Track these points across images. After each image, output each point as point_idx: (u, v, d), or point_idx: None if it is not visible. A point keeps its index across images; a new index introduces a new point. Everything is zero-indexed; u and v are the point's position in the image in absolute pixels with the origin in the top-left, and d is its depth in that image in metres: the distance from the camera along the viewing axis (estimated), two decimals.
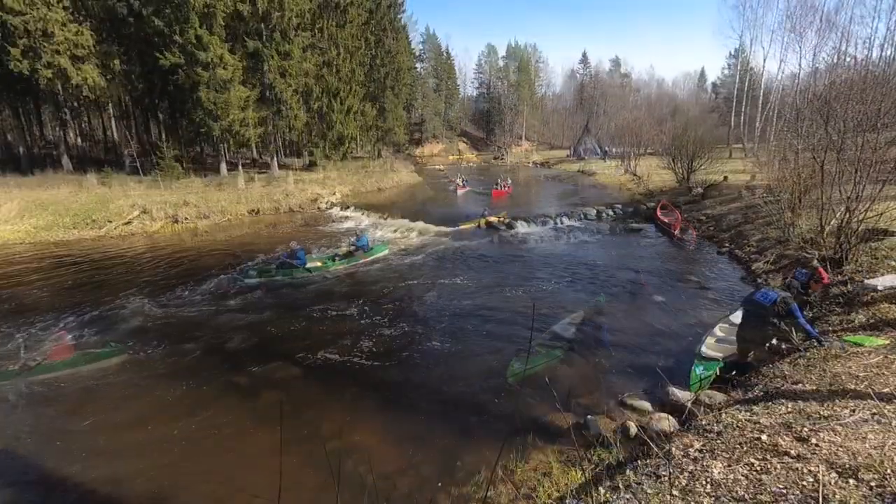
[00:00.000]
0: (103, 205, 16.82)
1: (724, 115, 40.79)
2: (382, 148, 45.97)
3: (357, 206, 20.96)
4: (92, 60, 21.41)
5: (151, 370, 6.46)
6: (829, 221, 8.35)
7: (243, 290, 9.87)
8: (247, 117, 23.35)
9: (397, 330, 7.69)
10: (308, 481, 4.17)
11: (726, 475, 2.80)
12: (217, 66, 21.53)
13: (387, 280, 10.47)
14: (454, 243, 13.90)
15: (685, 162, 20.69)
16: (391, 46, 41.26)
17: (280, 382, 6.07)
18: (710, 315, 7.77)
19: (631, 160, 30.24)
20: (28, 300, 9.51)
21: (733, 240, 12.45)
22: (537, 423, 4.97)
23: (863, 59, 22.57)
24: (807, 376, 4.39)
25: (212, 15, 21.17)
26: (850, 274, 7.38)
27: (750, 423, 3.59)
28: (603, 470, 3.84)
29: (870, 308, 6.00)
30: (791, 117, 12.61)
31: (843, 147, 7.77)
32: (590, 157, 46.96)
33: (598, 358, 6.48)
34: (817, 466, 2.67)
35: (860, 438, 3.00)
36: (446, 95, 71.89)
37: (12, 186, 18.21)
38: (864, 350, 4.69)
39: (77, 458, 4.67)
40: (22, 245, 14.57)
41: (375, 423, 5.17)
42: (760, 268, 9.78)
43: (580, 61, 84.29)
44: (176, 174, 23.03)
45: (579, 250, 12.75)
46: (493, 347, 6.90)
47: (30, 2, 18.66)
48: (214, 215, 18.43)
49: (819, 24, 27.76)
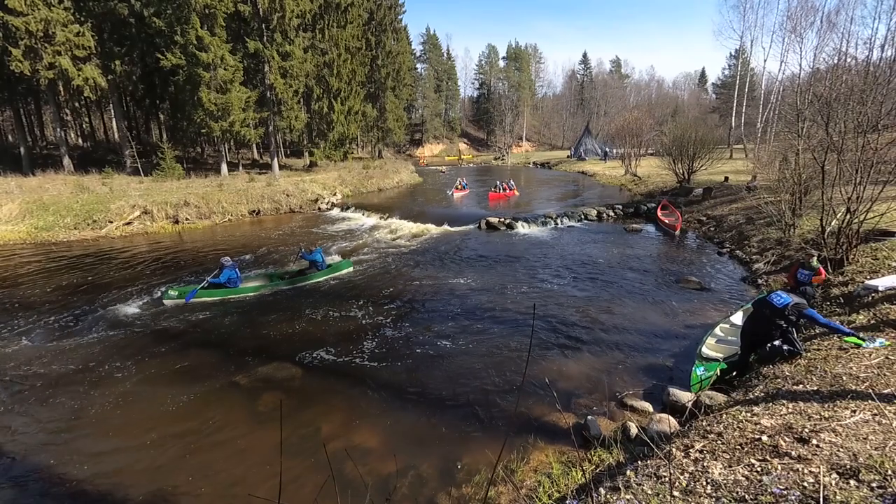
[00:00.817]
0: (104, 205, 16.83)
1: (724, 116, 40.81)
2: (383, 148, 46.07)
3: (357, 207, 20.98)
4: (93, 61, 21.47)
5: (150, 370, 6.47)
6: (830, 222, 8.34)
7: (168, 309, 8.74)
8: (247, 118, 23.39)
9: (397, 330, 7.70)
10: (308, 481, 4.17)
11: (727, 476, 2.79)
12: (218, 67, 21.59)
13: (387, 282, 10.47)
14: (454, 244, 13.91)
15: (686, 162, 20.70)
16: (392, 47, 41.35)
17: (280, 383, 6.07)
18: (711, 316, 7.77)
19: (631, 161, 30.24)
20: (26, 298, 9.51)
21: (734, 240, 12.44)
22: (538, 424, 4.96)
23: (863, 60, 22.55)
24: (807, 377, 4.38)
25: (212, 16, 21.22)
26: (851, 275, 7.37)
27: (751, 423, 3.58)
28: (603, 470, 3.84)
29: (870, 309, 5.99)
30: (792, 118, 12.59)
31: (844, 148, 7.76)
32: (590, 158, 47.00)
33: (598, 358, 6.48)
34: (818, 467, 2.66)
35: (861, 439, 2.99)
36: (447, 96, 72.06)
37: (13, 186, 18.27)
38: (865, 351, 4.68)
39: (76, 458, 4.68)
40: (23, 245, 14.60)
41: (375, 424, 5.17)
42: (761, 268, 9.78)
43: (580, 62, 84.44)
44: (177, 174, 23.08)
45: (580, 251, 12.75)
46: (494, 348, 6.90)
47: (31, 2, 18.71)
48: (215, 216, 18.46)
49: (820, 25, 27.78)
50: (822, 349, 5.11)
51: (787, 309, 4.91)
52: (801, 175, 10.46)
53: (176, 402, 5.63)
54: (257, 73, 25.27)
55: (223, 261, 9.53)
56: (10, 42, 19.03)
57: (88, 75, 20.89)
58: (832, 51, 25.84)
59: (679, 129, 22.35)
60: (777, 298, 5.08)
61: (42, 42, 19.41)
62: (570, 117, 77.10)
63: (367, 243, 14.30)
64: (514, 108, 72.43)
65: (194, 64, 20.95)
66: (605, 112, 67.73)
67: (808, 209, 10.93)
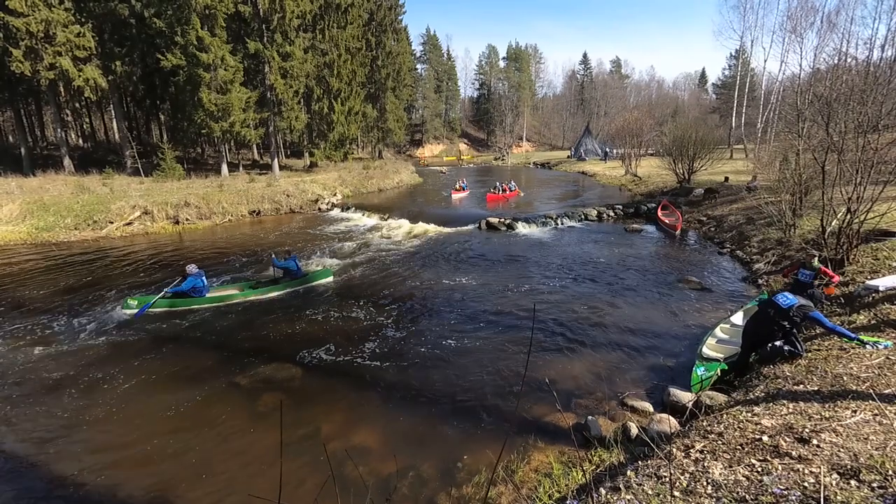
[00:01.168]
0: (104, 206, 16.84)
1: (724, 116, 40.78)
2: (383, 149, 46.10)
3: (358, 207, 20.98)
4: (94, 62, 21.49)
5: (150, 370, 6.47)
6: (831, 222, 8.34)
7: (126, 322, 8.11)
8: (248, 118, 23.41)
9: (397, 330, 7.70)
10: (308, 481, 4.17)
11: (727, 476, 2.79)
12: (218, 68, 21.60)
13: (387, 282, 10.47)
14: (454, 244, 13.91)
15: (686, 163, 20.70)
16: (392, 47, 41.39)
17: (281, 383, 6.07)
18: (711, 316, 7.77)
19: (632, 161, 30.24)
20: (26, 299, 9.52)
21: (734, 240, 12.44)
22: (538, 424, 4.96)
23: (864, 61, 22.55)
24: (808, 377, 4.38)
25: (213, 16, 21.24)
26: (852, 275, 7.37)
27: (751, 423, 3.58)
28: (604, 471, 3.83)
29: (871, 309, 5.99)
30: (792, 118, 12.59)
31: (845, 148, 7.76)
32: (590, 158, 47.00)
33: (598, 358, 6.48)
34: (819, 467, 2.66)
35: (862, 439, 2.99)
36: (447, 96, 72.09)
37: (14, 187, 18.28)
38: (866, 351, 4.67)
39: (76, 458, 4.68)
40: (24, 246, 14.61)
41: (375, 424, 5.17)
42: (762, 268, 9.77)
43: (581, 62, 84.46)
44: (177, 175, 23.09)
45: (580, 251, 12.75)
46: (493, 348, 6.89)
47: (32, 3, 18.73)
48: (215, 216, 18.46)
49: (820, 26, 27.80)
50: (822, 349, 5.11)
51: (791, 310, 4.90)
52: (801, 175, 10.46)
53: (176, 403, 5.63)
54: (258, 73, 25.29)
55: (188, 268, 8.85)
56: (10, 43, 19.06)
57: (89, 76, 20.90)
58: (832, 51, 25.88)
59: (679, 130, 22.33)
60: (783, 299, 5.07)
61: (43, 43, 19.42)
62: (571, 117, 77.11)
63: (366, 243, 14.29)
64: (515, 109, 72.47)
65: (195, 64, 20.96)
66: (606, 112, 67.71)
67: (809, 209, 10.93)
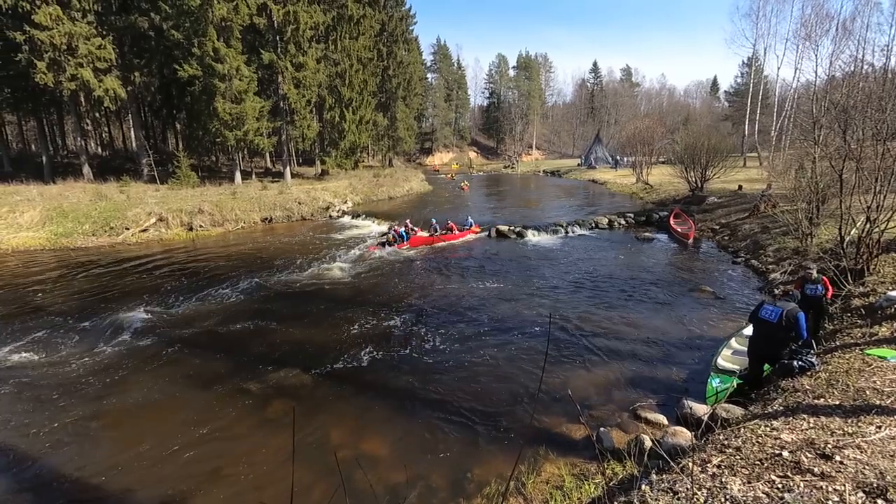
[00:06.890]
0: (121, 212, 17.20)
1: (737, 124, 40.35)
2: (393, 157, 46.47)
3: (368, 215, 21.12)
4: (113, 72, 22.10)
5: (161, 376, 6.53)
6: (849, 231, 8.16)
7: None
8: (261, 127, 23.82)
9: (408, 338, 7.68)
10: (317, 489, 4.15)
11: (746, 492, 2.71)
12: (233, 78, 22.06)
13: (396, 288, 10.48)
14: (463, 251, 13.89)
15: (698, 171, 20.48)
16: (403, 57, 41.91)
17: (290, 389, 6.08)
18: (726, 326, 7.62)
19: (643, 169, 30.02)
20: (43, 303, 9.71)
21: (749, 249, 12.23)
22: (549, 435, 4.89)
23: (881, 67, 22.19)
24: (829, 391, 4.25)
25: (229, 28, 21.76)
26: (872, 285, 7.18)
27: (770, 438, 3.48)
28: (617, 484, 3.75)
29: (893, 321, 5.82)
30: (807, 126, 12.40)
31: (863, 156, 7.61)
32: (601, 167, 46.79)
33: (611, 368, 6.38)
34: (843, 485, 2.57)
35: (888, 456, 2.89)
36: (457, 105, 72.54)
37: (35, 194, 18.77)
38: (889, 364, 4.53)
39: (86, 462, 4.72)
40: (43, 251, 14.95)
41: (386, 432, 5.14)
42: (778, 278, 9.58)
43: (591, 70, 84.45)
44: (192, 182, 23.52)
45: (591, 259, 12.64)
46: (505, 357, 6.84)
47: (57, 17, 19.37)
48: (228, 223, 18.73)
49: (835, 33, 27.43)
50: (843, 362, 4.96)
51: (782, 321, 4.76)
52: (818, 183, 10.27)
53: (186, 408, 5.67)
54: (271, 83, 25.79)
55: None
56: (35, 55, 19.70)
57: (109, 86, 21.48)
58: (848, 58, 25.49)
59: (691, 137, 22.14)
60: (768, 313, 4.87)
61: (65, 55, 20.04)
62: (581, 126, 76.98)
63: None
64: (524, 117, 72.60)
65: (210, 75, 21.45)
66: (616, 120, 67.51)
67: (826, 218, 10.71)
